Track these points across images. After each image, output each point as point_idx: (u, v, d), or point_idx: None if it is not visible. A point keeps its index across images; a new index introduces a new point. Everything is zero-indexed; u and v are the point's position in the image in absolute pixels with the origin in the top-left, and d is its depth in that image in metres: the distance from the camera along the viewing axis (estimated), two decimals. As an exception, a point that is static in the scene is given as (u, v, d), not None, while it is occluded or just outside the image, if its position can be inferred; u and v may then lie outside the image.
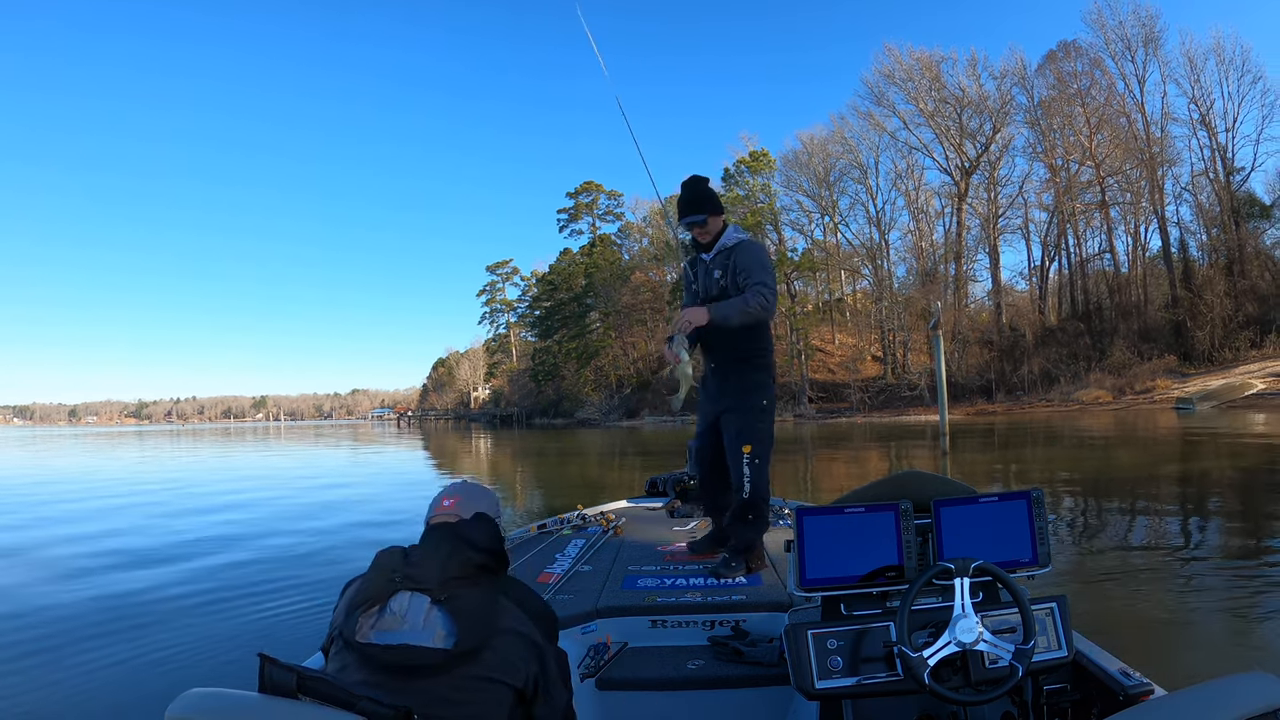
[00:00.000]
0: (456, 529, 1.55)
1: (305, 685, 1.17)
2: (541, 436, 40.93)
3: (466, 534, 1.54)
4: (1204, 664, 3.77)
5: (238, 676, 3.15)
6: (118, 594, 6.07)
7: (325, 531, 9.04)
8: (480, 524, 1.59)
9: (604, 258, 67.93)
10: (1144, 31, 43.93)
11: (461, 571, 1.45)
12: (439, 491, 1.71)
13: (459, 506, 1.64)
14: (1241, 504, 8.85)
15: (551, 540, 3.72)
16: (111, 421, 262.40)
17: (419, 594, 1.41)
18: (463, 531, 1.54)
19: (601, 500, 4.86)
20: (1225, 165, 42.66)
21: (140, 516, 10.96)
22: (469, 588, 1.44)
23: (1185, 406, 29.35)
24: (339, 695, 1.18)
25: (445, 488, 1.72)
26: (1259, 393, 29.44)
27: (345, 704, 1.17)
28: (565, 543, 3.64)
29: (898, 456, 18.18)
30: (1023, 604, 1.60)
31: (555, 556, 3.35)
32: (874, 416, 42.55)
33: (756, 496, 3.13)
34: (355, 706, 1.17)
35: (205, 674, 4.06)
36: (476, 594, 1.44)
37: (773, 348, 3.38)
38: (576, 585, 2.89)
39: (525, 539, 3.80)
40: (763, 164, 56.52)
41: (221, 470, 21.72)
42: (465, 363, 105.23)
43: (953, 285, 49.78)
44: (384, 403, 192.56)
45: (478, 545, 1.52)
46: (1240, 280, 39.32)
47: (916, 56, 50.58)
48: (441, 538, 1.53)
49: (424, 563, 1.46)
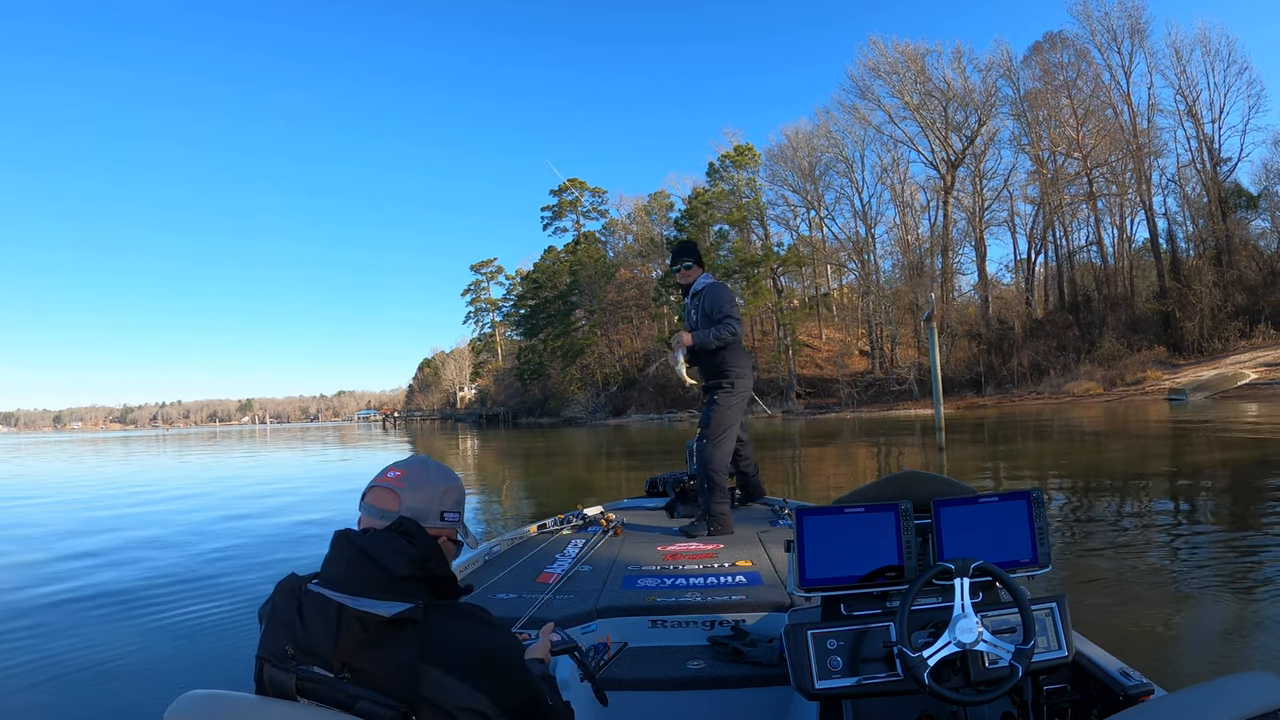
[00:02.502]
0: (365, 546, 1.21)
1: (304, 686, 1.15)
2: (527, 436, 40.53)
3: (376, 552, 1.20)
4: (1204, 664, 3.79)
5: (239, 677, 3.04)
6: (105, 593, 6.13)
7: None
8: (396, 539, 1.24)
9: (588, 255, 67.33)
10: (1130, 22, 43.81)
11: (364, 630, 1.14)
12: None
13: (406, 487, 1.35)
14: (1242, 498, 8.60)
15: (551, 540, 3.75)
16: (97, 427, 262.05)
17: (320, 670, 1.15)
18: (371, 548, 1.21)
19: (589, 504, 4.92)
20: (1212, 156, 42.63)
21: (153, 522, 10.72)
22: (378, 648, 1.14)
23: (1178, 398, 29.14)
24: (338, 696, 1.14)
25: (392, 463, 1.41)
26: (1252, 383, 29.23)
27: (344, 705, 1.13)
28: (565, 543, 3.66)
29: (887, 453, 17.99)
30: (1023, 604, 1.59)
31: (555, 556, 3.36)
32: (862, 411, 42.23)
33: (706, 468, 3.94)
34: (354, 707, 1.13)
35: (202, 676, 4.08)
36: (385, 661, 1.14)
37: (746, 367, 4.22)
38: (576, 585, 2.89)
39: (525, 539, 3.81)
40: (747, 158, 56.04)
41: (207, 475, 21.11)
42: (451, 363, 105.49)
43: (939, 279, 49.46)
44: (370, 404, 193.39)
45: (392, 572, 1.19)
46: (1229, 270, 39.24)
47: (901, 49, 50.19)
48: (348, 560, 1.21)
49: (315, 621, 1.15)
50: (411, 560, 1.22)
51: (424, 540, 1.27)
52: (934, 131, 50.02)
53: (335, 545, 1.25)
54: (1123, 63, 44.26)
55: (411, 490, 1.35)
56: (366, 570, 1.19)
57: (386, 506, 1.33)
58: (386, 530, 1.27)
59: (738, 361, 4.15)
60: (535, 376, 72.90)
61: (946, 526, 1.78)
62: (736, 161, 56.13)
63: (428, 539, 1.28)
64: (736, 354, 4.15)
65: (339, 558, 1.23)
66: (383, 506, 1.33)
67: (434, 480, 1.39)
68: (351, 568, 1.20)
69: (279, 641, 1.18)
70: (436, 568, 1.26)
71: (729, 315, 4.04)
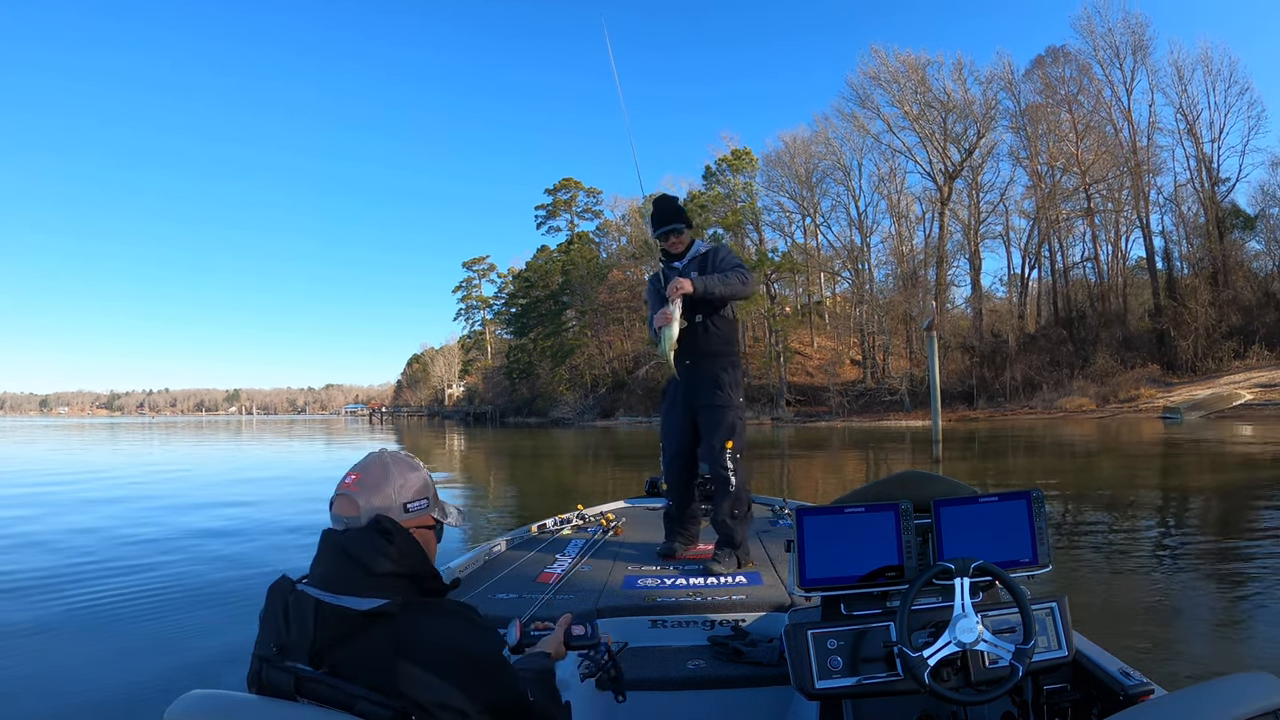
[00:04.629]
0: (345, 545, 1.25)
1: (303, 686, 1.16)
2: (514, 435, 40.18)
3: (355, 551, 1.24)
4: (1205, 663, 3.76)
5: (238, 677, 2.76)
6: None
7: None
8: (373, 536, 1.26)
9: (581, 255, 66.68)
10: (1133, 39, 43.72)
11: (340, 625, 1.18)
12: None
13: (361, 491, 1.32)
14: (1244, 515, 8.58)
15: (551, 540, 3.73)
16: (83, 412, 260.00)
17: (303, 666, 1.19)
18: (350, 546, 1.25)
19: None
20: (1210, 176, 42.55)
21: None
22: (355, 643, 1.18)
23: (1172, 416, 29.05)
24: (337, 696, 1.15)
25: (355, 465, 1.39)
26: (1247, 403, 29.14)
27: (343, 705, 1.15)
28: (565, 543, 3.64)
29: (876, 463, 17.62)
30: (1023, 604, 1.57)
31: (555, 556, 3.34)
32: (853, 421, 41.84)
33: (742, 491, 3.28)
34: (353, 708, 1.14)
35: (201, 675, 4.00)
36: (361, 656, 1.17)
37: (740, 349, 3.64)
38: (577, 585, 2.87)
39: (525, 539, 3.78)
40: (744, 162, 55.56)
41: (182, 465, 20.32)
42: (440, 359, 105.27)
43: (934, 290, 49.12)
44: (358, 398, 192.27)
45: (371, 569, 1.22)
46: (1225, 291, 39.07)
47: (902, 59, 49.77)
48: (331, 560, 1.26)
49: (297, 619, 1.20)
50: (390, 557, 1.23)
51: (401, 537, 1.27)
52: (933, 142, 49.69)
53: (321, 545, 1.28)
54: (1124, 79, 44.20)
55: (367, 493, 1.32)
56: (348, 569, 1.21)
57: (348, 513, 1.31)
58: (365, 529, 1.28)
59: (739, 348, 3.59)
60: (524, 376, 72.21)
61: (946, 526, 1.76)
62: (733, 166, 55.64)
63: (404, 535, 1.29)
64: (737, 337, 3.58)
65: (323, 557, 1.26)
66: (345, 515, 1.31)
67: (390, 476, 1.35)
68: (334, 566, 1.23)
69: (268, 641, 1.22)
70: (416, 564, 1.28)
71: (742, 266, 3.39)
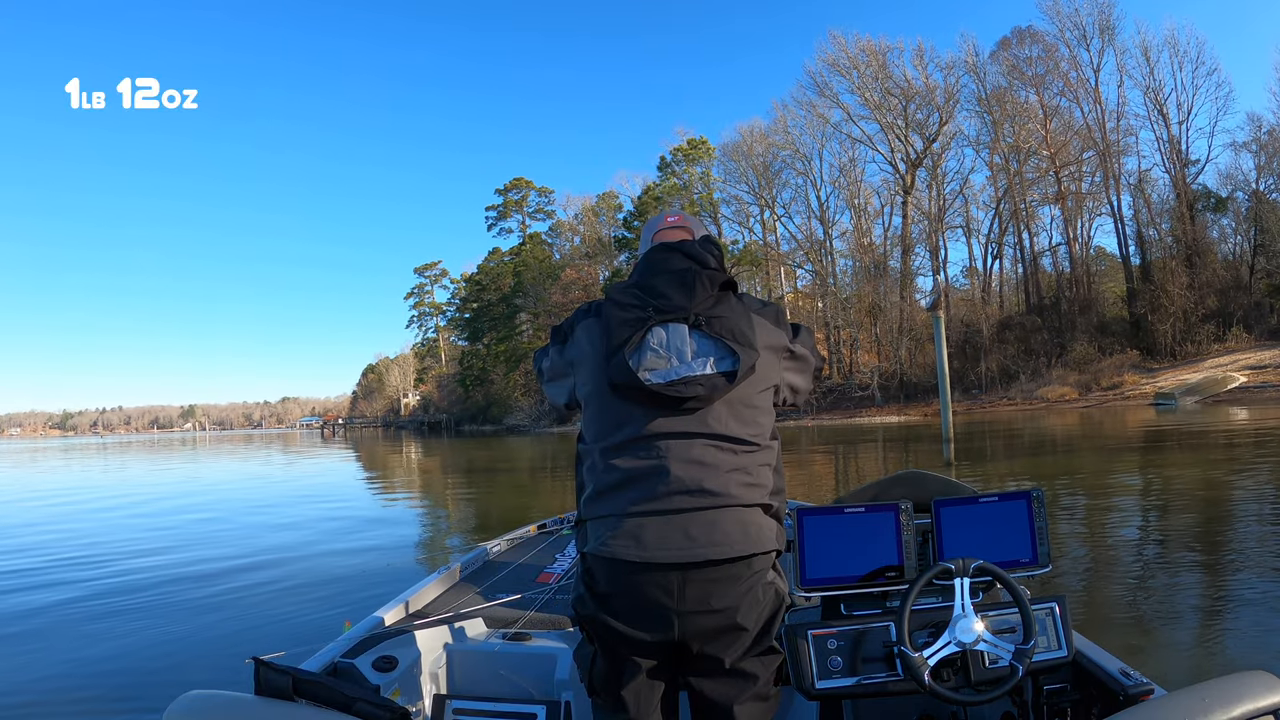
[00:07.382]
0: (689, 250, 1.52)
1: (301, 688, 1.19)
2: (468, 445, 38.53)
3: (699, 256, 1.52)
4: (1205, 663, 3.74)
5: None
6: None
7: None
8: (710, 247, 1.57)
9: (533, 256, 63.89)
10: (1100, 19, 42.49)
11: (708, 293, 1.45)
12: (660, 214, 1.71)
13: (689, 225, 1.65)
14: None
15: (551, 540, 3.63)
16: (35, 433, 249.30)
17: (675, 324, 1.41)
18: (695, 253, 1.52)
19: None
20: (1180, 158, 41.42)
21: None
22: (718, 308, 1.44)
23: (1166, 402, 27.47)
24: (335, 698, 1.19)
25: (669, 210, 1.95)
26: (1242, 386, 27.65)
27: (342, 706, 1.18)
28: (565, 543, 3.56)
29: (844, 459, 16.01)
30: (1023, 604, 1.56)
31: (555, 556, 3.32)
32: (824, 419, 39.66)
33: None
34: (352, 708, 1.18)
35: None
36: (728, 314, 1.44)
37: None
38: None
39: (525, 539, 3.67)
40: (701, 152, 53.41)
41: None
42: (395, 369, 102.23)
43: (899, 281, 47.21)
44: (314, 410, 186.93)
45: (711, 266, 1.51)
46: (1200, 273, 37.70)
47: (862, 45, 47.89)
48: (676, 259, 1.51)
49: (670, 290, 1.44)
50: (720, 260, 1.60)
51: (720, 252, 1.64)
52: (894, 130, 47.84)
53: (658, 256, 1.57)
54: (1092, 61, 42.92)
55: (696, 227, 1.75)
56: (695, 268, 1.53)
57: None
58: (698, 241, 1.62)
59: None
60: (478, 383, 69.44)
61: (947, 526, 1.77)
62: (689, 156, 53.39)
63: (721, 252, 1.68)
64: None
65: (669, 261, 1.58)
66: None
67: (697, 223, 1.79)
68: (681, 265, 1.54)
69: (632, 306, 1.46)
70: (730, 274, 1.59)
71: None
